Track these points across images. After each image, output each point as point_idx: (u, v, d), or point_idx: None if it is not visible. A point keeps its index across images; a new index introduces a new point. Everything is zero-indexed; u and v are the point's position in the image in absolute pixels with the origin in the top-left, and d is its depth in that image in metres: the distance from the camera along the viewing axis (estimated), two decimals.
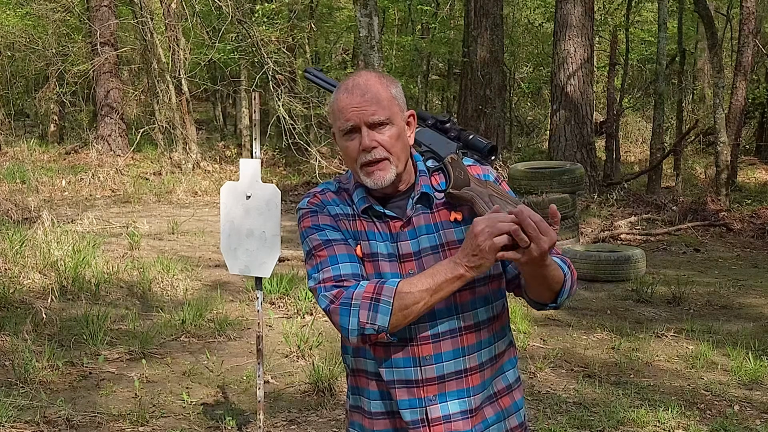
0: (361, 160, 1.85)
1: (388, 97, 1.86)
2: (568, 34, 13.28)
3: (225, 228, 4.17)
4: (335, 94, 1.89)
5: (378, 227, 1.90)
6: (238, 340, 6.11)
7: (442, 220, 1.90)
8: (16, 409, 4.52)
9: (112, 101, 18.53)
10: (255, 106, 4.18)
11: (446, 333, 1.86)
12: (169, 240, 9.96)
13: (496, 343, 1.94)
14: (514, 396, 1.98)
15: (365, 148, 1.83)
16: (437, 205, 1.91)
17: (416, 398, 1.87)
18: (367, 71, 1.93)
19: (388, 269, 1.87)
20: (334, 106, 1.87)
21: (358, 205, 1.91)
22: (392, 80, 1.91)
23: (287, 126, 13.89)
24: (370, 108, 1.83)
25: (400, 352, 1.87)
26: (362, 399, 1.97)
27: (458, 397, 1.87)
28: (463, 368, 1.88)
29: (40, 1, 18.90)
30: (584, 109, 13.36)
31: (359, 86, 1.85)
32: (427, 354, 1.86)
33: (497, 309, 1.94)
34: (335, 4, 23.73)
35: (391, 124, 1.85)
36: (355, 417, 2.01)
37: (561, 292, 1.88)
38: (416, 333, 1.86)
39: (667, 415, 4.64)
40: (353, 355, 1.96)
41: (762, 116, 18.93)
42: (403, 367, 1.87)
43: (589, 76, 13.71)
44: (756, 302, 7.50)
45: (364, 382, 1.95)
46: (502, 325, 1.96)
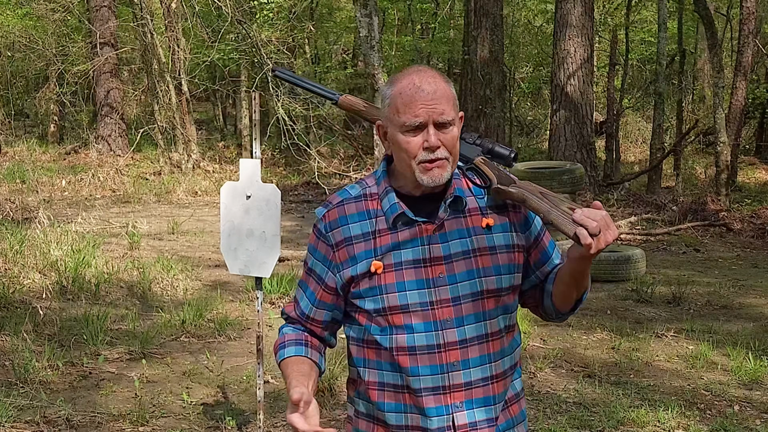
0: (422, 157, 1.81)
1: (453, 96, 1.85)
2: (568, 33, 13.28)
3: (225, 228, 4.17)
4: (397, 87, 1.83)
5: (407, 234, 1.86)
6: (238, 340, 6.11)
7: (474, 226, 1.89)
8: (16, 409, 4.52)
9: (112, 101, 18.52)
10: (255, 106, 4.18)
11: (473, 339, 1.86)
12: (169, 240, 9.96)
13: (513, 353, 1.95)
14: (521, 404, 1.99)
15: (431, 147, 1.80)
16: (469, 210, 1.90)
17: (443, 405, 1.85)
18: (427, 67, 1.89)
19: (413, 276, 1.85)
20: (399, 100, 1.81)
21: (389, 213, 1.87)
22: (448, 79, 1.89)
23: (286, 127, 13.89)
24: (440, 107, 1.80)
25: (427, 358, 1.85)
26: (376, 410, 1.94)
27: (484, 404, 1.88)
28: (490, 375, 1.88)
29: (40, 1, 18.90)
30: (584, 109, 13.36)
31: (429, 83, 1.81)
32: (455, 360, 1.85)
33: (513, 319, 1.96)
34: (335, 4, 23.73)
35: (454, 125, 1.83)
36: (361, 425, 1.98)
37: (582, 297, 1.94)
38: (444, 339, 1.84)
39: (667, 415, 4.64)
40: (367, 366, 1.93)
41: (762, 116, 18.93)
42: (431, 374, 1.85)
43: (589, 76, 13.71)
44: (756, 302, 7.50)
45: (378, 395, 1.92)
46: (515, 335, 1.98)
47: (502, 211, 1.92)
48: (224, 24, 15.64)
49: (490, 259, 1.88)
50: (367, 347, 1.92)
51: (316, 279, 1.96)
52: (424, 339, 1.84)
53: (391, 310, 1.85)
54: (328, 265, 1.93)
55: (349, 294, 1.91)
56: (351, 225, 1.90)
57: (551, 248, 1.99)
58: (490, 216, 1.90)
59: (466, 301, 1.85)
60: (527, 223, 1.95)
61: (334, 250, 1.91)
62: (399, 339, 1.85)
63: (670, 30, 16.75)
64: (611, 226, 1.74)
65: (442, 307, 1.84)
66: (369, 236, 1.88)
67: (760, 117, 19.03)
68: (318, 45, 24.21)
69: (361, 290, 1.88)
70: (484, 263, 1.87)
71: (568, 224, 1.77)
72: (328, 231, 1.92)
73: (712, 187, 13.17)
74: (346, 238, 1.89)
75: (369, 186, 1.94)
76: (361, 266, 1.87)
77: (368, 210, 1.90)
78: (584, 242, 1.72)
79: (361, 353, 1.94)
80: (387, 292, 1.85)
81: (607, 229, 1.73)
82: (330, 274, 1.93)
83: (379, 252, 1.86)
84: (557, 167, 10.47)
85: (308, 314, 1.99)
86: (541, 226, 1.98)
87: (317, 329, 2.00)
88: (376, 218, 1.89)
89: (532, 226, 1.96)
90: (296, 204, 13.75)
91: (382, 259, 1.86)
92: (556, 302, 1.93)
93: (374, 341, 1.89)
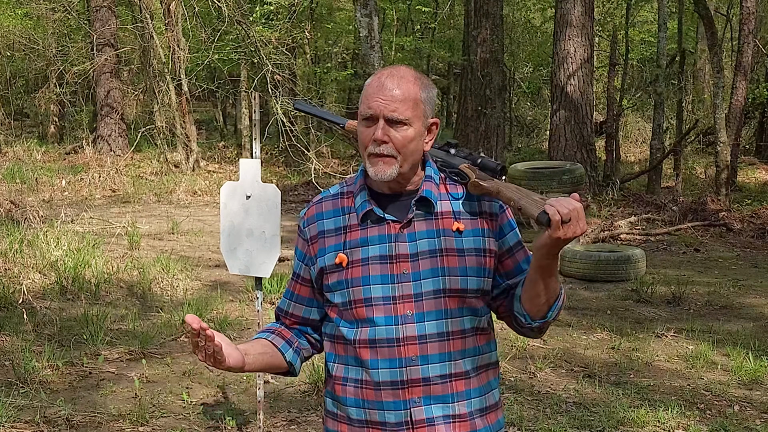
0: (370, 149, 1.88)
1: (415, 98, 1.88)
2: (568, 33, 13.28)
3: (225, 228, 4.17)
4: (370, 79, 1.92)
5: (376, 231, 1.93)
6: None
7: (445, 228, 1.93)
8: (16, 409, 4.52)
9: (112, 101, 18.52)
10: (255, 106, 4.18)
11: (433, 335, 1.89)
12: (169, 240, 9.96)
13: (482, 355, 1.97)
14: (498, 414, 2.02)
15: (376, 139, 1.87)
16: (441, 213, 1.94)
17: (401, 400, 1.89)
18: (408, 68, 1.95)
19: (378, 271, 1.90)
20: (365, 92, 1.91)
21: (359, 210, 1.94)
22: (428, 84, 1.93)
23: (285, 128, 13.90)
24: (393, 104, 1.86)
25: (386, 351, 1.89)
26: (340, 405, 1.98)
27: (442, 401, 1.90)
28: (449, 372, 1.90)
29: (40, 1, 18.90)
30: (584, 109, 13.36)
31: (393, 79, 1.88)
32: (414, 354, 1.88)
33: (483, 323, 1.97)
34: (335, 4, 23.72)
35: (408, 126, 1.87)
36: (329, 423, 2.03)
37: (553, 306, 1.92)
38: (404, 333, 1.88)
39: (667, 415, 4.64)
40: (336, 361, 1.99)
41: (762, 116, 18.93)
42: (389, 368, 1.89)
43: (589, 76, 13.70)
44: (756, 302, 7.50)
45: (341, 390, 1.97)
46: (488, 341, 2.00)
47: (476, 217, 1.96)
48: (223, 24, 15.64)
49: (457, 260, 1.91)
50: (337, 342, 1.98)
51: (294, 276, 2.07)
52: (384, 332, 1.88)
53: (356, 303, 1.91)
54: (303, 259, 2.03)
55: (322, 288, 1.98)
56: (326, 220, 2.00)
57: (526, 263, 1.99)
58: (462, 221, 1.94)
59: (428, 297, 1.89)
60: (501, 232, 1.98)
61: (309, 243, 2.01)
62: (362, 332, 1.91)
63: (670, 30, 16.76)
64: (582, 219, 1.77)
65: (404, 302, 1.89)
66: (340, 231, 1.97)
67: (760, 117, 19.02)
68: (318, 45, 24.20)
69: (330, 284, 1.95)
70: (450, 263, 1.90)
71: (535, 207, 1.80)
72: (305, 227, 2.03)
73: (712, 187, 13.17)
74: (319, 232, 1.99)
75: (348, 185, 2.03)
76: (329, 258, 1.95)
77: (343, 207, 2.00)
78: (553, 218, 1.74)
79: (332, 348, 2.00)
80: (353, 285, 1.92)
81: (578, 220, 1.76)
82: (304, 267, 2.03)
83: (347, 246, 1.94)
84: (557, 167, 10.48)
85: (285, 309, 2.09)
86: (518, 241, 2.00)
87: (293, 323, 2.08)
88: (348, 214, 1.98)
89: (508, 236, 1.99)
90: (296, 204, 13.75)
91: (350, 254, 1.93)
92: (526, 306, 1.92)
93: (342, 335, 1.94)
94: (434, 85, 1.96)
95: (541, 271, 1.85)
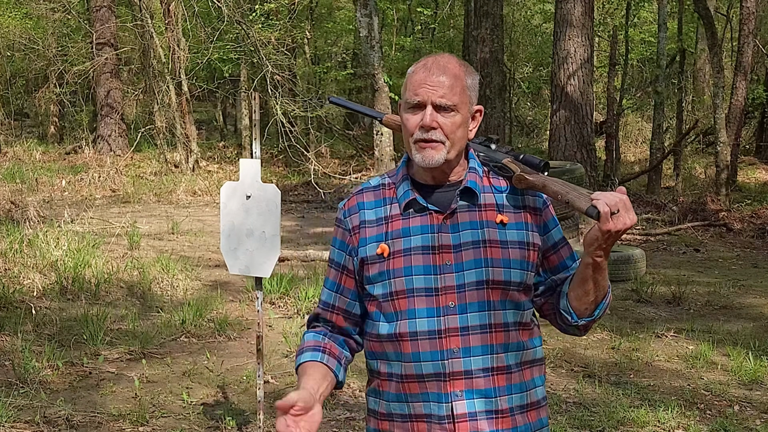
0: (417, 136, 1.86)
1: (462, 84, 1.87)
2: (568, 33, 13.27)
3: (225, 228, 4.17)
4: (413, 67, 1.90)
5: (418, 221, 1.90)
6: (238, 340, 6.11)
7: (488, 220, 1.90)
8: (16, 409, 4.52)
9: (112, 101, 18.53)
10: (255, 106, 4.18)
11: (476, 327, 1.86)
12: (169, 240, 9.96)
13: (525, 350, 1.93)
14: (540, 413, 1.98)
15: (425, 125, 1.84)
16: (484, 205, 1.92)
17: (443, 393, 1.85)
18: (451, 55, 1.93)
19: (420, 262, 1.87)
20: (408, 79, 1.88)
21: (402, 199, 1.92)
22: (471, 70, 1.92)
23: (284, 129, 13.90)
24: (441, 90, 1.84)
25: (428, 344, 1.86)
26: (382, 402, 1.96)
27: (485, 396, 1.86)
28: (491, 366, 1.87)
29: (40, 2, 18.91)
30: (584, 109, 13.35)
31: (439, 66, 1.86)
32: (455, 347, 1.85)
33: (526, 318, 1.94)
34: (335, 4, 23.72)
35: (456, 112, 1.85)
36: (371, 423, 2.00)
37: (601, 304, 1.90)
38: (445, 325, 1.85)
39: (667, 415, 4.64)
40: (376, 358, 1.96)
41: (762, 116, 18.93)
42: (431, 360, 1.85)
43: (589, 76, 13.69)
44: (756, 302, 7.50)
45: (385, 385, 1.94)
46: (531, 337, 1.96)
47: (520, 210, 1.93)
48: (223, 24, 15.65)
49: (500, 251, 1.88)
50: (378, 339, 1.94)
51: (336, 267, 2.01)
52: (426, 324, 1.85)
53: (397, 294, 1.88)
54: (346, 249, 1.98)
55: (363, 280, 1.95)
56: (366, 210, 1.97)
57: (571, 260, 1.98)
58: (506, 213, 1.92)
59: (471, 289, 1.86)
60: (545, 227, 1.96)
61: (350, 234, 1.97)
62: (402, 324, 1.87)
63: (670, 30, 16.76)
64: (631, 210, 1.74)
65: (446, 293, 1.86)
66: (381, 221, 1.94)
67: (760, 117, 19.03)
68: (318, 45, 24.21)
69: (371, 275, 1.92)
70: (494, 254, 1.87)
71: (583, 201, 1.78)
72: (346, 217, 1.99)
73: (712, 187, 13.17)
74: (361, 222, 1.96)
75: (389, 176, 2.01)
76: (370, 248, 1.92)
77: (384, 197, 1.97)
78: (602, 211, 1.73)
79: (372, 346, 1.97)
80: (394, 276, 1.88)
81: (627, 211, 1.74)
82: (348, 257, 1.98)
83: (389, 236, 1.91)
84: (557, 167, 10.47)
85: (330, 302, 2.02)
86: (562, 237, 1.98)
87: (340, 319, 2.01)
88: (390, 205, 1.95)
89: (552, 231, 1.97)
90: (296, 204, 13.75)
91: (392, 244, 1.90)
92: (573, 303, 1.90)
93: (381, 331, 1.91)
94: (476, 71, 1.94)
95: (593, 268, 1.82)
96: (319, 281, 7.36)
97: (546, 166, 1.94)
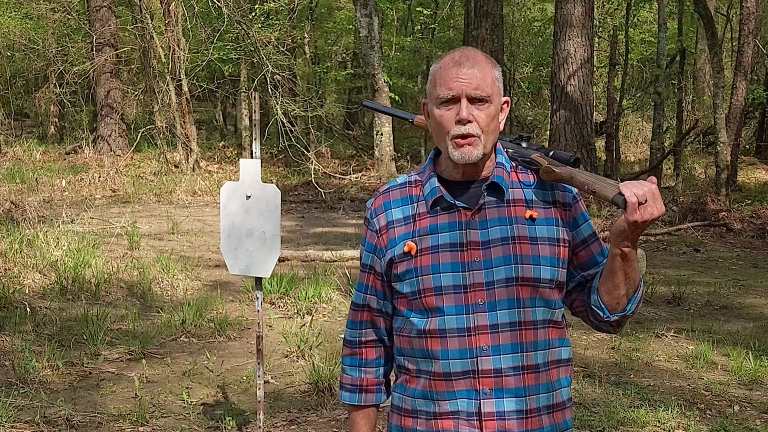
0: (454, 132, 1.83)
1: (492, 75, 1.85)
2: (569, 34, 13.28)
3: (225, 228, 4.17)
4: (439, 62, 1.87)
5: (446, 218, 1.89)
6: (238, 340, 6.11)
7: (517, 215, 1.88)
8: (16, 409, 4.51)
9: (112, 101, 18.54)
10: (255, 106, 4.18)
11: (505, 325, 1.84)
12: (169, 240, 9.96)
13: (552, 349, 1.91)
14: (565, 414, 1.95)
15: (461, 119, 1.81)
16: (512, 201, 1.90)
17: (472, 389, 1.84)
18: (474, 49, 1.91)
19: (448, 259, 1.86)
20: (437, 74, 1.86)
21: (429, 197, 1.90)
22: (495, 62, 1.90)
23: (285, 129, 13.90)
24: (475, 81, 1.82)
25: (456, 341, 1.84)
26: (407, 399, 1.95)
27: (516, 395, 1.84)
28: (521, 365, 1.84)
29: (40, 2, 18.91)
30: (584, 109, 13.36)
31: (469, 59, 1.84)
32: (485, 344, 1.83)
33: (556, 316, 1.92)
34: (335, 4, 23.73)
35: (489, 103, 1.83)
36: (393, 419, 2.00)
37: (633, 299, 1.87)
38: (475, 322, 1.83)
39: (667, 415, 4.64)
40: (405, 354, 1.95)
41: (762, 116, 18.94)
42: (460, 358, 1.84)
43: (589, 76, 13.70)
44: (756, 302, 7.50)
45: (413, 381, 1.93)
46: (560, 336, 1.93)
47: (549, 205, 1.91)
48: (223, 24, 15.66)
49: (530, 248, 1.86)
50: (407, 336, 1.92)
51: (364, 268, 2.01)
52: (455, 322, 1.84)
53: (425, 292, 1.86)
54: (374, 251, 1.97)
55: (390, 278, 1.93)
56: (393, 210, 1.95)
57: (601, 255, 1.95)
58: (535, 209, 1.89)
59: (500, 286, 1.84)
60: (575, 223, 1.94)
61: (378, 235, 1.96)
62: (431, 322, 1.86)
63: (670, 30, 16.76)
64: (659, 200, 1.71)
65: (475, 290, 1.84)
66: (409, 219, 1.92)
67: (760, 117, 19.04)
68: (318, 45, 24.21)
69: (399, 273, 1.90)
70: (523, 251, 1.85)
71: (611, 190, 1.76)
72: (373, 217, 1.98)
73: (712, 187, 13.17)
74: (388, 222, 1.94)
75: (416, 174, 1.99)
76: (398, 248, 1.90)
77: (411, 195, 1.95)
78: (629, 200, 1.70)
79: (401, 342, 1.95)
80: (422, 274, 1.87)
81: (655, 201, 1.71)
82: (376, 259, 1.97)
83: (416, 234, 1.90)
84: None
85: (361, 303, 2.02)
86: (592, 232, 1.96)
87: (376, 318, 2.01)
88: (417, 203, 1.93)
89: (582, 227, 1.95)
90: (296, 204, 13.75)
91: (419, 242, 1.88)
92: (604, 298, 1.87)
93: (412, 327, 1.90)
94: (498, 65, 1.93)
95: (621, 259, 1.79)
96: (319, 281, 7.36)
97: (576, 162, 1.92)
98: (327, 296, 6.98)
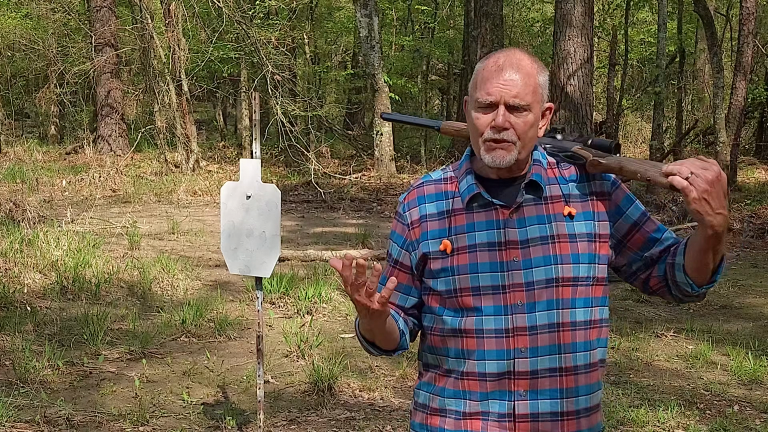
0: (488, 135, 1.79)
1: (535, 83, 1.80)
2: (568, 34, 13.27)
3: (225, 228, 4.17)
4: (483, 64, 1.83)
5: (483, 216, 1.85)
6: (238, 340, 6.12)
7: (555, 213, 1.84)
8: (16, 409, 4.52)
9: (112, 101, 18.55)
10: (255, 106, 4.18)
11: (544, 327, 1.80)
12: (169, 240, 9.96)
13: (592, 351, 1.88)
14: (598, 416, 1.94)
15: (497, 125, 1.77)
16: (550, 198, 1.86)
17: (507, 391, 1.81)
18: (520, 50, 1.86)
19: (486, 258, 1.82)
20: (479, 76, 1.82)
21: (465, 194, 1.87)
22: (542, 67, 1.84)
23: (285, 129, 13.91)
24: (514, 89, 1.77)
25: (494, 342, 1.81)
26: (435, 397, 1.92)
27: (551, 396, 1.82)
28: (559, 366, 1.82)
29: (40, 2, 18.92)
30: (584, 109, 13.36)
31: (512, 64, 1.79)
32: (523, 346, 1.80)
33: (595, 315, 1.87)
34: (335, 4, 23.73)
35: (529, 111, 1.78)
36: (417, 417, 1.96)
37: (720, 268, 1.82)
38: (513, 324, 1.80)
39: (666, 414, 4.65)
40: (436, 353, 1.92)
41: (762, 116, 18.94)
42: (496, 359, 1.81)
43: (589, 76, 13.70)
44: (756, 302, 7.50)
45: (442, 380, 1.90)
46: (599, 337, 1.89)
47: (587, 200, 1.87)
48: (223, 24, 15.66)
49: (569, 246, 1.82)
50: (438, 334, 1.89)
51: (390, 261, 1.97)
52: (493, 322, 1.81)
53: (462, 291, 1.83)
54: (404, 244, 1.94)
55: (423, 273, 1.90)
56: (427, 204, 1.92)
57: (658, 232, 1.91)
58: (572, 204, 1.86)
59: (540, 286, 1.80)
60: (619, 210, 1.89)
61: (409, 228, 1.93)
62: (468, 321, 1.83)
63: (670, 30, 16.76)
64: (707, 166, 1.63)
65: (514, 291, 1.81)
66: (443, 215, 1.89)
67: (760, 117, 19.04)
68: (318, 45, 24.21)
69: (433, 270, 1.87)
70: (562, 250, 1.82)
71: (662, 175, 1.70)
72: (405, 211, 1.95)
73: None
74: (421, 216, 1.91)
75: (451, 170, 1.96)
76: (433, 243, 1.87)
77: (446, 191, 1.92)
78: (678, 185, 1.64)
79: (434, 341, 1.92)
80: (459, 273, 1.84)
81: (703, 169, 1.63)
82: (405, 252, 1.94)
83: (452, 232, 1.86)
84: None
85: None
86: (642, 212, 1.91)
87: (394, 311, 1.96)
88: (452, 199, 1.90)
89: (628, 211, 1.90)
90: (296, 204, 13.75)
91: (455, 240, 1.85)
92: (692, 275, 1.81)
93: (445, 325, 1.87)
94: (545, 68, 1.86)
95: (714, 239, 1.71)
96: (319, 281, 7.37)
97: (617, 147, 1.88)
98: (327, 296, 6.98)
